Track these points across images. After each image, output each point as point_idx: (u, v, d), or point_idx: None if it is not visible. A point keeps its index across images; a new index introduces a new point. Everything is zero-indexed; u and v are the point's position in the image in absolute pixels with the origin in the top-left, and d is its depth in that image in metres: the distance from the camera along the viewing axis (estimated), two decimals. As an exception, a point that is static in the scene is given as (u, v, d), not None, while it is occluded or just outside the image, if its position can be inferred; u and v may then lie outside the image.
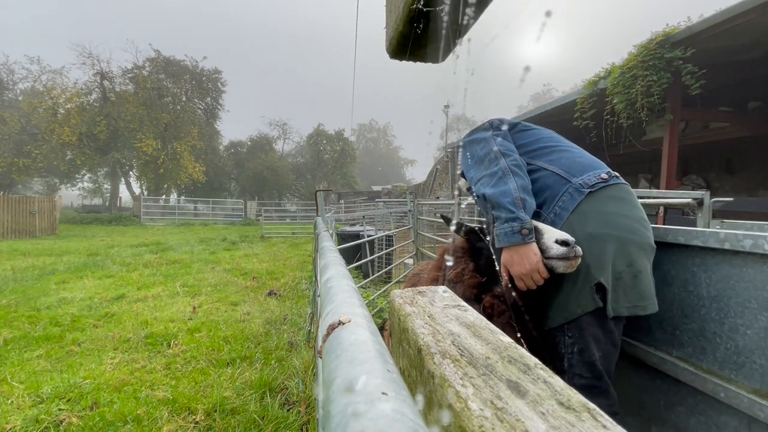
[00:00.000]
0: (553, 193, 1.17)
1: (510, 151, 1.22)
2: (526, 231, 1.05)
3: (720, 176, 7.86)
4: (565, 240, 1.02)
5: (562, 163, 1.22)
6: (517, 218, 1.06)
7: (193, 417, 1.96)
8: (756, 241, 0.96)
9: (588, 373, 1.04)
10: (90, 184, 26.74)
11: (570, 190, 1.14)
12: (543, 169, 1.23)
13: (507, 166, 1.16)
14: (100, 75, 21.78)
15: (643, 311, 1.06)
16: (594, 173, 1.16)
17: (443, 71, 0.67)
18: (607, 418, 0.32)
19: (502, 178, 1.14)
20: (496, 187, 1.13)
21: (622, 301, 1.04)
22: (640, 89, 5.22)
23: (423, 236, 4.93)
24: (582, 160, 1.23)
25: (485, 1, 0.47)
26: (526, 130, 1.37)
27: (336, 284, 0.60)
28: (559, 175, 1.19)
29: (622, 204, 1.12)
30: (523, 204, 1.08)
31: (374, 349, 0.31)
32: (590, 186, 1.12)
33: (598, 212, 1.10)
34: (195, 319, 3.53)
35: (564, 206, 1.14)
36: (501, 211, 1.09)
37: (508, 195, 1.09)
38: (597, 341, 1.06)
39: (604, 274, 1.04)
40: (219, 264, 6.60)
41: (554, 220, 1.15)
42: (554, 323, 1.10)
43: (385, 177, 58.33)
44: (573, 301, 1.07)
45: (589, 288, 1.04)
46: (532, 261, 1.04)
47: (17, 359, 2.67)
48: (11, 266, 6.14)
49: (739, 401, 0.98)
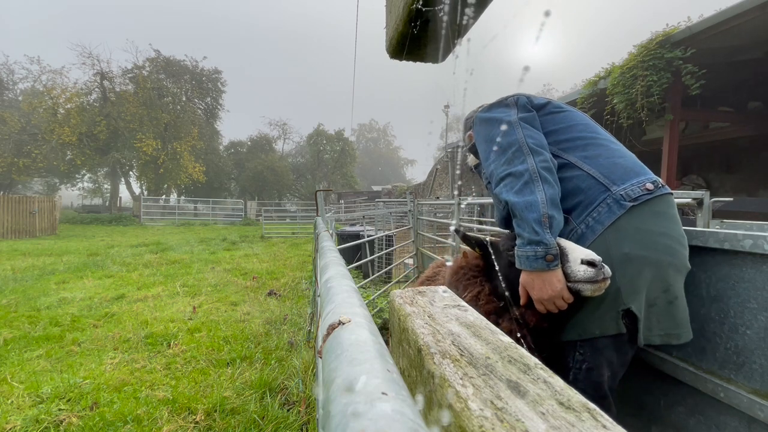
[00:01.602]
0: (587, 200, 1.01)
1: (540, 147, 1.03)
2: (551, 257, 0.92)
3: (720, 176, 7.86)
4: (591, 260, 0.90)
5: (600, 163, 1.04)
6: (541, 242, 0.92)
7: (193, 417, 1.96)
8: (756, 241, 0.96)
9: (593, 391, 0.97)
10: (90, 184, 26.73)
11: (608, 201, 0.98)
12: (576, 167, 1.05)
13: (536, 168, 0.99)
14: (100, 75, 21.78)
15: (677, 340, 0.97)
16: (638, 182, 0.99)
17: (443, 71, 0.67)
18: (607, 418, 0.32)
19: (529, 185, 0.97)
20: (520, 195, 0.97)
21: (655, 329, 0.96)
22: (640, 89, 5.22)
23: (423, 236, 4.93)
24: (624, 162, 1.04)
25: (485, 1, 0.47)
26: (558, 112, 1.16)
27: (336, 284, 0.60)
28: (596, 179, 1.01)
29: (665, 221, 0.98)
30: (550, 222, 0.94)
31: (374, 349, 0.31)
32: (633, 199, 0.97)
33: (636, 230, 0.96)
34: (195, 319, 3.53)
35: (599, 219, 0.98)
36: (523, 228, 0.95)
37: (534, 209, 0.94)
38: (609, 363, 0.98)
39: (635, 300, 0.93)
40: (219, 264, 6.60)
41: (585, 232, 1.00)
42: (568, 337, 1.02)
43: (385, 177, 58.35)
44: (594, 322, 0.97)
45: (616, 312, 0.95)
46: (555, 288, 0.93)
47: (17, 359, 2.67)
48: (11, 266, 6.14)
49: (739, 401, 0.98)
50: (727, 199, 5.31)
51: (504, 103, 1.17)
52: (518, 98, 1.17)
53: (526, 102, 1.16)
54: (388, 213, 7.10)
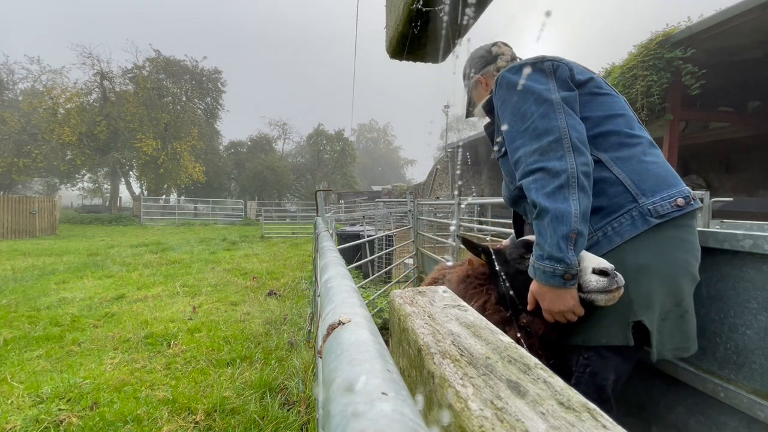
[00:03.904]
0: (611, 207, 0.93)
1: (583, 144, 0.92)
2: (569, 276, 0.85)
3: (720, 176, 7.86)
4: (604, 269, 0.85)
5: (632, 168, 0.94)
6: (563, 261, 0.85)
7: (193, 417, 1.96)
8: (755, 241, 0.96)
9: (595, 395, 0.94)
10: (90, 184, 26.74)
11: (633, 213, 0.90)
12: (606, 167, 0.96)
13: (576, 171, 0.87)
14: (100, 75, 21.79)
15: (686, 353, 0.94)
16: (669, 195, 0.90)
17: (443, 71, 0.67)
18: (607, 418, 0.32)
19: (563, 190, 0.86)
20: (552, 199, 0.87)
21: (667, 344, 0.92)
22: (640, 89, 5.22)
23: (423, 236, 4.93)
24: (658, 170, 0.94)
25: (485, 1, 0.47)
26: (599, 94, 1.01)
27: (336, 284, 0.60)
28: (625, 186, 0.93)
29: (687, 235, 0.92)
30: (577, 240, 0.85)
31: (374, 349, 0.31)
32: (660, 216, 0.89)
33: (655, 243, 0.90)
34: (195, 319, 3.53)
35: (619, 231, 0.91)
36: (546, 239, 0.87)
37: (565, 222, 0.85)
38: (614, 369, 0.95)
39: (648, 314, 0.89)
40: (219, 264, 6.60)
41: (600, 240, 0.94)
42: (572, 341, 0.99)
43: (385, 177, 58.39)
44: (601, 330, 0.93)
45: (626, 324, 0.90)
46: (567, 304, 0.88)
47: (17, 359, 2.67)
48: (11, 266, 6.14)
49: (739, 401, 0.98)
50: (727, 199, 5.31)
51: (540, 68, 0.99)
52: (558, 65, 0.99)
53: (568, 75, 0.99)
54: (388, 213, 7.10)
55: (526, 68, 1.00)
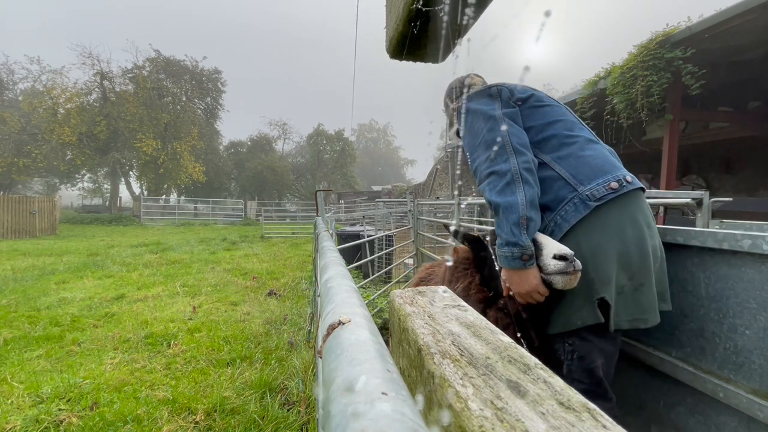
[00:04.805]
0: (557, 199, 1.07)
1: (523, 147, 1.08)
2: (526, 257, 0.99)
3: (720, 176, 7.85)
4: (563, 255, 0.97)
5: (570, 163, 1.09)
6: (518, 243, 1.00)
7: (193, 417, 1.96)
8: (755, 241, 0.96)
9: (587, 378, 1.03)
10: (90, 184, 26.73)
11: (575, 201, 1.04)
12: (549, 167, 1.11)
13: (518, 169, 1.04)
14: (100, 75, 21.78)
15: (645, 324, 1.03)
16: (603, 181, 1.05)
17: (443, 71, 0.67)
18: (607, 418, 0.32)
19: (510, 185, 1.03)
20: (502, 195, 1.03)
21: (622, 315, 1.01)
22: (640, 89, 5.22)
23: (423, 236, 4.93)
24: (592, 161, 1.09)
25: (485, 1, 0.47)
26: (539, 106, 1.19)
27: (336, 284, 0.60)
28: (565, 180, 1.07)
29: (630, 212, 1.04)
30: (528, 224, 1.00)
31: (374, 349, 0.31)
32: (597, 199, 1.03)
33: (602, 224, 1.02)
34: (195, 319, 3.53)
35: (566, 217, 1.05)
36: (503, 228, 1.02)
37: (513, 211, 1.00)
38: (598, 349, 1.04)
39: (607, 290, 1.00)
40: (219, 264, 6.60)
41: (554, 230, 1.07)
42: (554, 330, 1.08)
43: (385, 177, 58.38)
44: (574, 314, 1.04)
45: (592, 303, 1.01)
46: (531, 284, 1.01)
47: (17, 359, 2.67)
48: (11, 266, 6.14)
49: (738, 401, 0.98)
50: (727, 199, 5.31)
51: (488, 93, 1.19)
52: (501, 90, 1.19)
53: (509, 96, 1.18)
54: (388, 213, 7.10)
55: (477, 95, 1.21)
